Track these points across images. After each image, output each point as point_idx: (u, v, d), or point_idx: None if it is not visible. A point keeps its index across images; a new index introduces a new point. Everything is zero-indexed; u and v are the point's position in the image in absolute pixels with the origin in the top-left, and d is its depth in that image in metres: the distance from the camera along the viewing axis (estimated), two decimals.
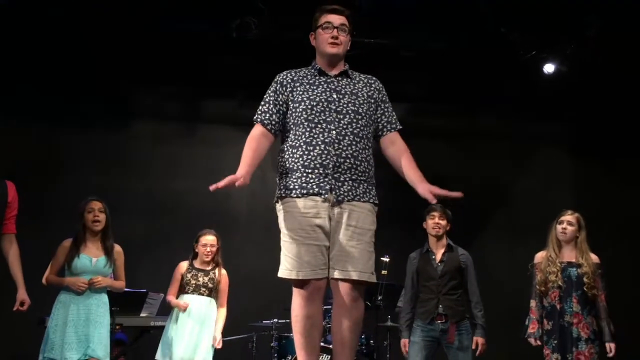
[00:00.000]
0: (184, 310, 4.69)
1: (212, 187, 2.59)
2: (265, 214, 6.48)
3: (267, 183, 6.68)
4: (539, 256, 4.23)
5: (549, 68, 6.22)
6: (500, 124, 6.94)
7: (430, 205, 4.40)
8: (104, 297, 4.16)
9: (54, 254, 4.15)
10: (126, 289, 4.37)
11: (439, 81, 6.56)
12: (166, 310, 4.93)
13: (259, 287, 6.05)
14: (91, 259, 4.11)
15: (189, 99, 6.67)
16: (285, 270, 2.70)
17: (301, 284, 2.68)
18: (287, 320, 5.04)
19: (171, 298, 4.80)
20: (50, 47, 6.00)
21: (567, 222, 4.15)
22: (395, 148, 2.87)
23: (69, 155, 6.22)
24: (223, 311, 4.88)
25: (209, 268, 4.87)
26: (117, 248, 4.26)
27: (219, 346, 4.80)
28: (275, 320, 5.21)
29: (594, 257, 4.13)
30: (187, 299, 4.76)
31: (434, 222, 4.38)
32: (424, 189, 2.71)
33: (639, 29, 5.68)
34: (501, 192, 6.88)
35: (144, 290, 4.88)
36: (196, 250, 4.89)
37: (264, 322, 5.30)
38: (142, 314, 4.91)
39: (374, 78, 2.95)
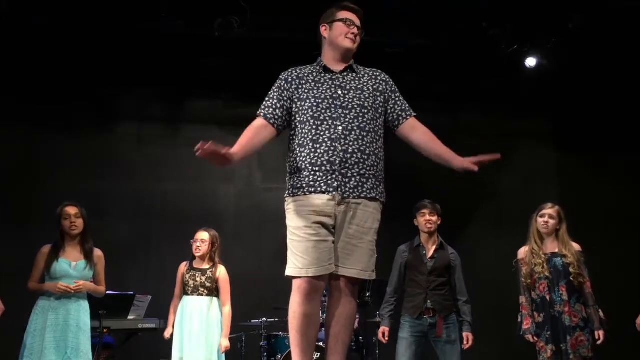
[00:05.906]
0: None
1: (197, 147, 2.65)
2: (252, 214, 6.53)
3: (253, 183, 6.69)
4: (522, 252, 4.27)
5: (530, 62, 6.25)
6: (483, 118, 6.97)
7: (419, 202, 4.44)
8: (84, 303, 4.10)
9: (34, 261, 4.10)
10: (113, 292, 4.33)
11: (422, 77, 6.58)
12: (154, 312, 4.90)
13: (247, 287, 6.04)
14: (70, 263, 4.07)
15: (173, 100, 6.64)
16: (295, 268, 2.68)
17: (304, 282, 2.65)
18: (276, 319, 5.07)
19: (172, 307, 4.78)
20: (32, 50, 5.93)
21: (549, 216, 4.21)
22: (419, 133, 2.93)
23: (52, 159, 6.16)
24: (227, 310, 4.75)
25: (205, 267, 4.81)
26: (98, 252, 4.20)
27: (224, 351, 4.69)
28: (264, 319, 5.20)
29: (576, 246, 4.19)
30: (188, 300, 4.72)
31: (425, 219, 4.37)
32: (460, 162, 2.85)
33: (621, 22, 5.73)
34: (486, 186, 6.91)
35: (131, 292, 4.86)
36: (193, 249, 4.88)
37: (252, 321, 5.29)
38: (130, 317, 4.89)
39: (380, 71, 2.96)
